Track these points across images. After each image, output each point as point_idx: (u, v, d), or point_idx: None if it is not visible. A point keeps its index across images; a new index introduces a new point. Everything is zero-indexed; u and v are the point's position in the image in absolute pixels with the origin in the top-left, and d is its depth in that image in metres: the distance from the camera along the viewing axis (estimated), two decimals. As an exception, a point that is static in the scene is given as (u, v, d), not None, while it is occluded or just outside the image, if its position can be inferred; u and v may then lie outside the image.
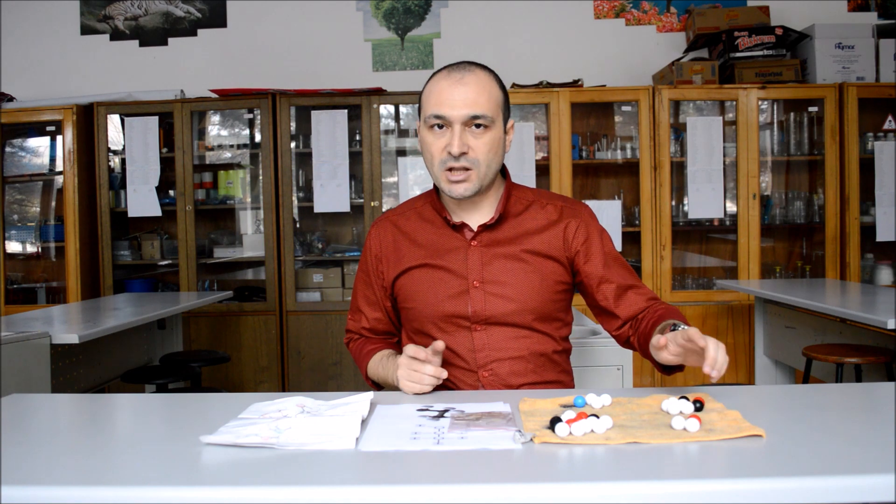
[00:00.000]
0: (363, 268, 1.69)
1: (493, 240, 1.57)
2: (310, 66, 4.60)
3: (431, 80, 1.54)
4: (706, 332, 1.29)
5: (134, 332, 3.31)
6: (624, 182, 4.44)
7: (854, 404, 1.32)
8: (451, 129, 1.49)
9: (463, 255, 1.57)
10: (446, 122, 1.49)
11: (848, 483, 0.91)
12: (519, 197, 1.62)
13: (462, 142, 1.48)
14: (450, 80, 1.50)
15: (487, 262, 1.56)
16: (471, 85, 1.49)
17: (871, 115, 4.25)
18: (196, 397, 1.66)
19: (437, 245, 1.59)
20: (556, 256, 1.57)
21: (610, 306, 1.58)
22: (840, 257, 4.20)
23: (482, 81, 1.50)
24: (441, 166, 1.51)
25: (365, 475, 0.99)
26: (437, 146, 1.50)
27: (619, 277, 1.59)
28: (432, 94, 1.51)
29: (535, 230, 1.58)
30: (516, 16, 4.58)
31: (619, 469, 0.99)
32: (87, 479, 0.97)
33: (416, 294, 1.58)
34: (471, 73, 1.50)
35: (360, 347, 1.71)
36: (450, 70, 1.52)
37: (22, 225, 4.51)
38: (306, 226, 4.52)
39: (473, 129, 1.49)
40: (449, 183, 1.51)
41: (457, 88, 1.48)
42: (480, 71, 1.52)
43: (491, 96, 1.50)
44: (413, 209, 1.67)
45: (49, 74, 4.69)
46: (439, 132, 1.50)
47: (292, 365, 4.29)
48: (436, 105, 1.49)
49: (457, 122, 1.48)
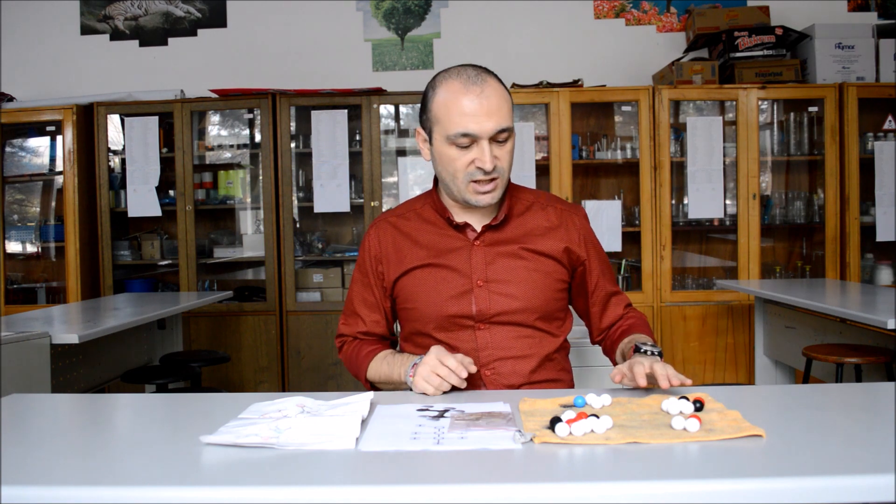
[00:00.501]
0: (361, 270, 1.67)
1: (496, 239, 1.58)
2: (310, 66, 4.60)
3: (444, 89, 1.49)
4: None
5: (134, 332, 3.31)
6: (624, 182, 4.44)
7: (854, 404, 1.32)
8: (477, 145, 1.47)
9: (466, 255, 1.57)
10: (473, 138, 1.47)
11: (848, 483, 0.91)
12: (520, 198, 1.64)
13: (493, 156, 1.47)
14: (470, 95, 1.46)
15: (491, 262, 1.56)
16: (492, 98, 1.47)
17: (871, 115, 4.25)
18: (196, 397, 1.66)
19: (439, 245, 1.59)
20: (557, 256, 1.59)
21: (597, 314, 1.67)
22: (840, 257, 4.20)
23: (499, 92, 1.49)
24: (466, 179, 1.50)
25: (365, 475, 0.99)
26: (463, 161, 1.49)
27: (609, 284, 1.67)
28: (452, 110, 1.47)
29: (537, 230, 1.60)
30: (516, 16, 4.58)
31: (619, 469, 0.99)
32: (87, 479, 0.97)
33: (419, 294, 1.58)
34: (489, 86, 1.48)
35: (357, 350, 1.66)
36: (465, 82, 1.48)
37: (22, 225, 4.51)
38: (306, 226, 4.52)
39: (497, 141, 1.49)
40: (476, 194, 1.51)
41: (480, 103, 1.46)
42: (493, 80, 1.51)
43: (508, 104, 1.51)
44: (412, 210, 1.66)
45: (49, 74, 4.69)
46: (464, 148, 1.48)
47: (292, 365, 4.29)
48: (460, 122, 1.46)
49: (485, 138, 1.46)
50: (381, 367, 1.58)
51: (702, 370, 4.18)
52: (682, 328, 4.17)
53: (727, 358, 4.18)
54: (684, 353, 4.17)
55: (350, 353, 1.67)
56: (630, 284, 4.33)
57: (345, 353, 1.70)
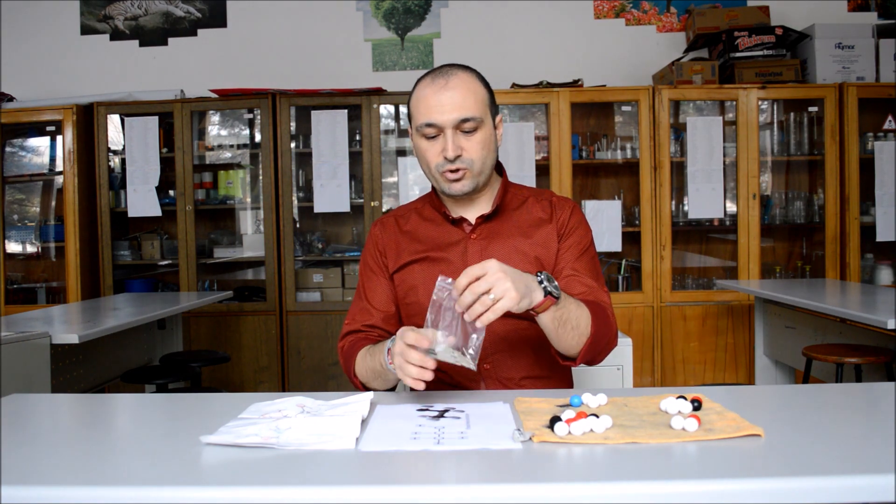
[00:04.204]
0: (368, 264, 1.67)
1: (491, 232, 1.60)
2: (310, 66, 4.60)
3: (416, 87, 1.56)
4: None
5: (134, 332, 3.31)
6: (624, 182, 4.44)
7: (854, 404, 1.32)
8: (443, 135, 1.51)
9: (462, 249, 1.59)
10: (438, 128, 1.51)
11: (848, 483, 0.91)
12: (515, 193, 1.66)
13: (455, 145, 1.50)
14: (435, 87, 1.51)
15: (487, 255, 1.57)
16: (456, 89, 1.50)
17: (871, 115, 4.25)
18: (196, 397, 1.66)
19: (436, 240, 1.62)
20: (553, 247, 1.60)
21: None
22: (840, 257, 4.20)
23: (466, 83, 1.52)
24: (438, 170, 1.54)
25: (365, 475, 0.99)
26: (433, 152, 1.53)
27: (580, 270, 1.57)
28: (420, 103, 1.52)
29: (532, 223, 1.62)
30: (516, 16, 4.58)
31: (619, 469, 0.99)
32: (87, 479, 0.97)
33: (416, 288, 1.59)
34: (454, 77, 1.52)
35: (352, 346, 1.58)
36: (433, 76, 1.53)
37: (22, 225, 4.52)
38: (306, 226, 4.52)
39: (463, 131, 1.51)
40: (447, 182, 1.54)
41: (443, 94, 1.50)
42: (463, 72, 1.54)
43: (477, 96, 1.52)
44: (413, 210, 1.70)
45: (49, 74, 4.70)
46: (432, 139, 1.52)
47: (292, 365, 4.29)
48: (425, 113, 1.51)
49: (448, 127, 1.50)
50: (365, 361, 1.50)
51: (702, 370, 4.18)
52: (682, 328, 4.17)
53: (727, 358, 4.18)
54: (684, 353, 4.17)
55: (346, 350, 1.59)
56: (630, 284, 4.33)
57: (342, 350, 1.62)
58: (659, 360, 4.17)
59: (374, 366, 1.46)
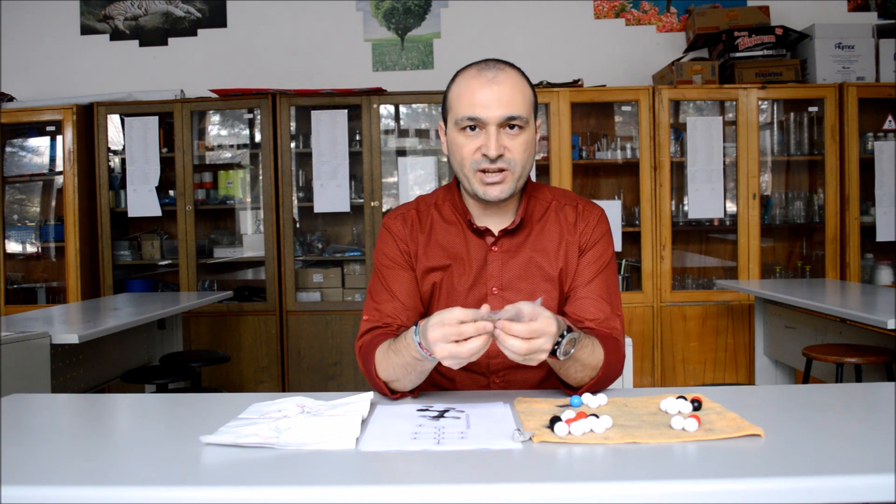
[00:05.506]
0: (389, 256, 1.56)
1: (513, 246, 1.53)
2: (310, 66, 4.60)
3: (460, 78, 1.48)
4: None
5: (134, 332, 3.31)
6: (624, 182, 4.44)
7: (854, 404, 1.32)
8: (485, 131, 1.43)
9: (482, 260, 1.53)
10: (481, 123, 1.43)
11: (848, 483, 0.91)
12: (539, 199, 1.57)
13: (499, 144, 1.42)
14: (482, 80, 1.43)
15: (507, 269, 1.52)
16: (505, 84, 1.43)
17: (871, 115, 4.25)
18: (196, 397, 1.66)
19: (458, 249, 1.54)
20: (573, 262, 1.54)
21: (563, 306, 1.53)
22: (840, 257, 4.20)
23: (515, 80, 1.45)
24: (473, 168, 1.45)
25: (365, 475, 0.99)
26: (470, 148, 1.44)
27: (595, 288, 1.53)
28: (463, 95, 1.44)
29: (554, 236, 1.54)
30: (516, 16, 4.58)
31: (619, 469, 0.99)
32: (87, 479, 0.97)
33: (435, 298, 1.54)
34: (503, 72, 1.45)
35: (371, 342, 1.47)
36: (480, 69, 1.46)
37: (22, 225, 4.52)
38: (306, 226, 4.52)
39: (508, 129, 1.43)
40: (483, 185, 1.45)
41: (490, 88, 1.42)
42: (512, 69, 1.47)
43: (525, 96, 1.45)
44: (433, 206, 1.59)
45: (49, 74, 4.69)
46: (472, 134, 1.44)
47: (292, 365, 4.29)
48: (468, 107, 1.43)
49: (492, 124, 1.42)
50: (389, 359, 1.38)
51: (702, 370, 4.18)
52: (681, 328, 4.17)
53: (727, 358, 4.18)
54: (684, 353, 4.17)
55: (366, 350, 1.46)
56: (630, 284, 4.33)
57: (359, 349, 1.50)
58: (659, 360, 4.17)
59: (403, 360, 1.34)
